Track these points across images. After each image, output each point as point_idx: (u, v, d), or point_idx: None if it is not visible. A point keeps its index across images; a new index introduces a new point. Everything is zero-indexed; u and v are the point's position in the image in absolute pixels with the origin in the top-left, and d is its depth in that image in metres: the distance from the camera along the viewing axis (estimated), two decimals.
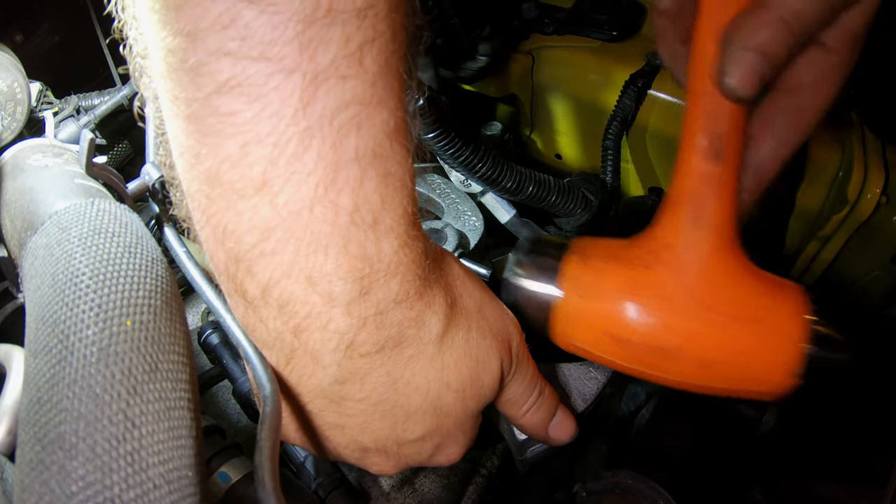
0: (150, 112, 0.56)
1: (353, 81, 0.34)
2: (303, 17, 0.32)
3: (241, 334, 0.44)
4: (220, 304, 0.46)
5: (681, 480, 0.68)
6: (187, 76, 0.34)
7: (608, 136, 0.86)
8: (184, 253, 0.52)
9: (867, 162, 0.78)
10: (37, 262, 0.42)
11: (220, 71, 0.33)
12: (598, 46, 0.92)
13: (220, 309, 0.46)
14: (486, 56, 0.92)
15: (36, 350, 0.36)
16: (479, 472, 0.81)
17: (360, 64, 0.34)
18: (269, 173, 0.35)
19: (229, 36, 0.32)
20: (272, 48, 0.32)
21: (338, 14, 0.33)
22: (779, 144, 0.52)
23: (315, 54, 0.33)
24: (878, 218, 0.79)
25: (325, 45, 0.33)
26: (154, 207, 0.58)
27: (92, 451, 0.32)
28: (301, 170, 0.35)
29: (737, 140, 0.48)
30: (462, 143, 0.70)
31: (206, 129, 0.35)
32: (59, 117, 0.77)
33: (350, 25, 0.33)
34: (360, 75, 0.35)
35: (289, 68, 0.33)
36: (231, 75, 0.33)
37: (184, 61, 0.33)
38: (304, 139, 0.34)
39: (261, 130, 0.34)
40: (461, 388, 0.46)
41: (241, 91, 0.33)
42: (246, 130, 0.34)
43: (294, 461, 0.68)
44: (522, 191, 0.75)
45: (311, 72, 0.33)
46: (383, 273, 0.39)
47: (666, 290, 0.50)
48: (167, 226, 0.55)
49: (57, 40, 0.85)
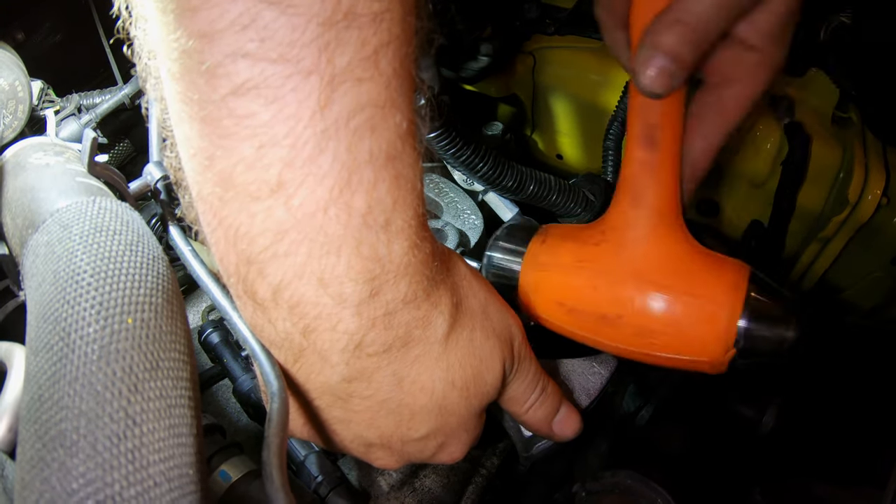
0: (154, 113, 0.56)
1: (368, 84, 0.35)
2: (322, 19, 0.32)
3: (247, 332, 0.44)
4: (227, 303, 0.46)
5: (680, 481, 0.68)
6: (202, 78, 0.34)
7: (609, 136, 0.86)
8: (189, 252, 0.52)
9: (868, 163, 0.78)
10: (38, 260, 0.42)
11: (238, 73, 0.33)
12: (600, 47, 0.92)
13: (226, 307, 0.46)
14: (487, 56, 0.92)
15: (37, 348, 0.37)
16: (478, 472, 0.81)
17: (375, 67, 0.35)
18: (285, 175, 0.35)
19: (248, 37, 0.32)
20: (291, 50, 0.32)
21: (355, 17, 0.33)
22: (705, 137, 0.56)
23: (333, 56, 0.33)
24: (878, 219, 0.79)
25: (342, 48, 0.33)
26: (155, 206, 0.58)
27: (93, 448, 0.32)
28: (317, 172, 0.35)
29: (671, 130, 0.52)
30: (463, 142, 0.70)
31: (222, 131, 0.35)
32: (60, 116, 0.78)
33: (367, 29, 0.34)
34: (376, 78, 0.35)
35: (307, 70, 0.33)
36: (248, 77, 0.33)
37: (200, 63, 0.33)
38: (320, 141, 0.34)
39: (277, 132, 0.34)
40: (465, 387, 0.46)
41: (258, 93, 0.33)
42: (262, 132, 0.34)
43: (294, 461, 0.68)
44: (523, 190, 0.75)
45: (329, 74, 0.33)
46: (393, 274, 0.39)
47: (609, 264, 0.55)
48: (172, 225, 0.55)
49: (58, 39, 0.85)
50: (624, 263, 0.54)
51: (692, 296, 0.52)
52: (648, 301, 0.53)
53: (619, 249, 0.55)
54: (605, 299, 0.55)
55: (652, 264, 0.54)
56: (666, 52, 0.46)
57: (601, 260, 0.55)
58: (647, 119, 0.52)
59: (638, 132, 0.53)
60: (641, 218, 0.54)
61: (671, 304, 0.52)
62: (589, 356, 0.67)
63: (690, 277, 0.53)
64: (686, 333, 0.52)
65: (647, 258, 0.54)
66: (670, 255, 0.54)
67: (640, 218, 0.54)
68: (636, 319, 0.54)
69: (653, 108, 0.51)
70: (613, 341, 0.56)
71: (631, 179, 0.54)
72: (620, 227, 0.55)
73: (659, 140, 0.51)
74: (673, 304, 0.52)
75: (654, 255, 0.54)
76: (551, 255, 0.59)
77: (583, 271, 0.56)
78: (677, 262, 0.54)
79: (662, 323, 0.53)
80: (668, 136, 0.52)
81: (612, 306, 0.55)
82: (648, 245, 0.54)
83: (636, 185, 0.53)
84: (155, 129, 0.57)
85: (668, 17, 0.46)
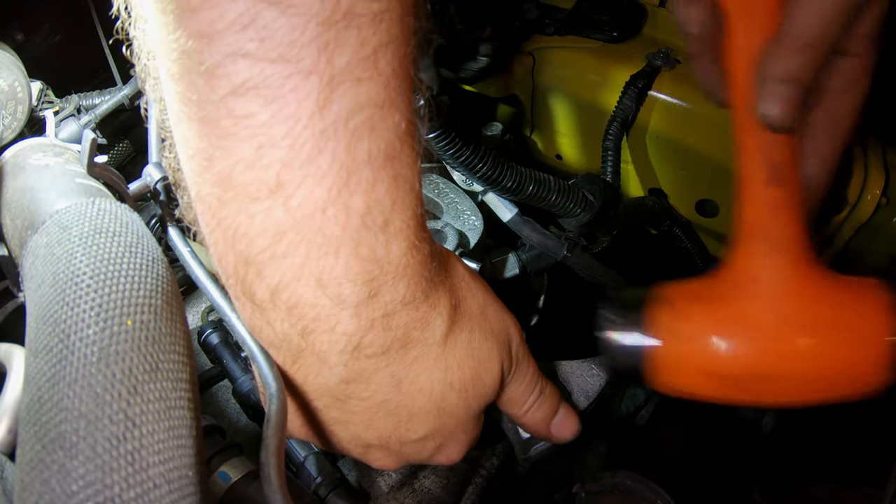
0: (154, 113, 0.56)
1: (367, 84, 0.35)
2: (322, 19, 0.32)
3: (246, 333, 0.44)
4: (225, 304, 0.46)
5: (680, 481, 0.68)
6: (202, 78, 0.34)
7: (608, 136, 0.86)
8: (188, 252, 0.52)
9: (867, 163, 0.78)
10: (37, 262, 0.42)
11: (237, 73, 0.33)
12: (599, 47, 0.92)
13: (225, 308, 0.46)
14: (486, 56, 0.92)
15: (36, 349, 0.37)
16: (478, 473, 0.81)
17: (374, 67, 0.35)
18: (284, 176, 0.35)
19: (248, 37, 0.32)
20: (291, 50, 0.32)
21: (355, 17, 0.33)
22: (824, 155, 0.53)
23: (332, 57, 0.33)
24: (878, 219, 0.79)
25: (341, 48, 0.33)
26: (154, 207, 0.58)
27: (92, 450, 0.32)
28: (315, 172, 0.35)
29: (794, 162, 0.49)
30: (462, 143, 0.70)
31: (221, 131, 0.35)
32: (59, 116, 0.77)
33: (366, 29, 0.33)
34: (375, 78, 0.35)
35: (307, 70, 0.33)
36: (248, 77, 0.33)
37: (199, 63, 0.33)
38: (319, 142, 0.34)
39: (276, 133, 0.34)
40: (464, 388, 0.46)
41: (257, 93, 0.33)
42: (261, 133, 0.34)
43: (294, 461, 0.68)
44: (522, 190, 0.75)
45: (329, 74, 0.33)
46: (391, 275, 0.39)
47: (754, 318, 0.51)
48: (171, 226, 0.55)
49: (58, 39, 0.85)
50: (770, 314, 0.50)
51: (846, 329, 0.50)
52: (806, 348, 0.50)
53: (762, 300, 0.51)
54: (759, 357, 0.51)
55: (799, 308, 0.50)
56: (794, 79, 0.44)
57: (745, 316, 0.51)
58: (772, 156, 0.48)
59: (762, 171, 0.49)
60: (781, 261, 0.50)
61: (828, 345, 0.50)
62: (588, 358, 0.67)
63: (838, 311, 0.50)
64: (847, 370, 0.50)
65: (792, 303, 0.50)
66: (814, 293, 0.51)
67: (780, 261, 0.50)
68: (796, 370, 0.51)
69: (778, 143, 0.48)
70: (776, 397, 0.53)
71: (763, 223, 0.50)
72: (758, 276, 0.51)
73: (788, 176, 0.48)
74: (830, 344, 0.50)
75: (799, 298, 0.50)
76: (686, 321, 0.53)
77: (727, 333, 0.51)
78: (822, 299, 0.51)
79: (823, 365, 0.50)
80: (793, 169, 0.49)
81: (768, 363, 0.51)
82: (791, 288, 0.50)
83: (770, 228, 0.50)
84: (154, 129, 0.57)
85: (790, 43, 0.44)
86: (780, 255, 0.50)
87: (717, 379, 0.52)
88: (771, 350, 0.51)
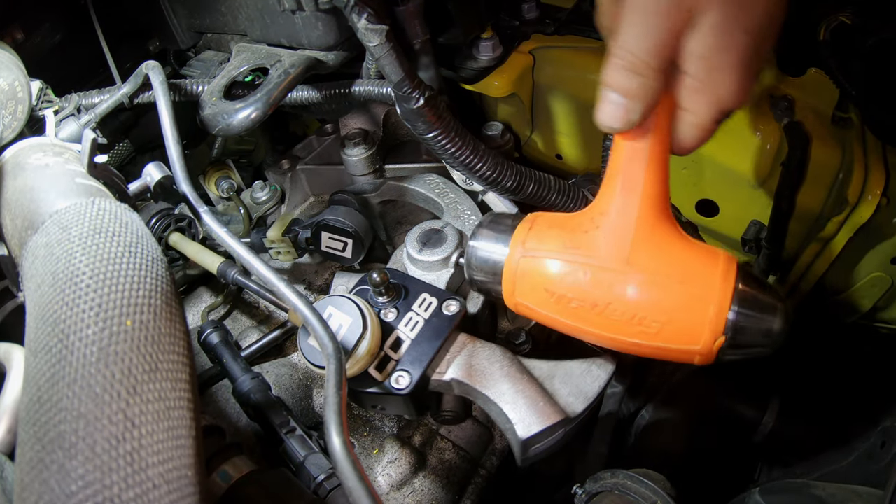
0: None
1: None
2: None
3: (301, 304, 0.49)
4: (273, 276, 0.51)
5: (680, 481, 0.68)
6: None
7: (609, 136, 0.86)
8: (225, 233, 0.56)
9: (868, 163, 0.78)
10: (37, 261, 0.42)
11: None
12: (600, 47, 0.92)
13: (273, 279, 0.51)
14: (487, 56, 0.92)
15: (36, 349, 0.37)
16: (478, 473, 0.81)
17: None
18: None
19: None
20: None
21: None
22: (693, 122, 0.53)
23: None
24: (878, 219, 0.79)
25: None
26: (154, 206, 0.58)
27: (91, 450, 0.32)
28: None
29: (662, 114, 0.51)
30: (462, 142, 0.70)
31: None
32: (59, 116, 0.77)
33: None
34: None
35: None
36: None
37: None
38: None
39: None
40: None
41: None
42: None
43: (294, 461, 0.68)
44: (522, 190, 0.75)
45: None
46: None
47: (599, 250, 0.55)
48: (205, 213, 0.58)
49: (57, 39, 0.85)
50: (614, 250, 0.54)
51: (683, 283, 0.52)
52: (639, 287, 0.52)
53: (610, 236, 0.54)
54: (595, 287, 0.54)
55: (643, 251, 0.53)
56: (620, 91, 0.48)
57: (591, 247, 0.55)
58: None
59: None
60: (632, 204, 0.53)
61: (662, 291, 0.52)
62: (587, 358, 0.67)
63: (681, 265, 0.52)
64: (676, 321, 0.52)
65: (637, 245, 0.53)
66: (661, 242, 0.53)
67: (631, 204, 0.53)
68: (626, 306, 0.53)
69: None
70: (602, 329, 0.55)
71: (621, 166, 0.53)
72: (610, 214, 0.54)
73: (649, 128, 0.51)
74: (664, 291, 0.52)
75: (645, 243, 0.53)
76: (539, 241, 0.58)
77: (572, 258, 0.55)
78: (668, 249, 0.53)
79: (653, 310, 0.52)
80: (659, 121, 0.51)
81: (602, 293, 0.54)
82: (639, 232, 0.53)
83: (627, 172, 0.53)
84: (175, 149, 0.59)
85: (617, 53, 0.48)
86: (630, 196, 0.53)
87: (553, 298, 0.56)
88: (603, 280, 0.54)
